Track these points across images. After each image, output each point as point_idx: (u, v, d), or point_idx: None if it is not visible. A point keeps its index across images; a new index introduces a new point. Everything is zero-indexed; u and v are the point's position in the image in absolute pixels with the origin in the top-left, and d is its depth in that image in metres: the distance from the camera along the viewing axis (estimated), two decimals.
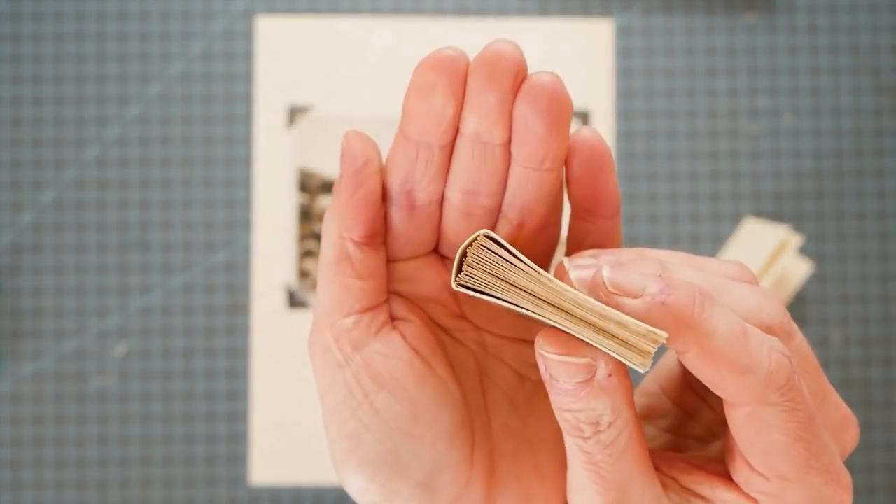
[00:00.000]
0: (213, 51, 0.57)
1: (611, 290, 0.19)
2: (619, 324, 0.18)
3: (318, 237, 0.56)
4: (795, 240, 0.51)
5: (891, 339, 0.56)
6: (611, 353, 0.18)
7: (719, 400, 0.21)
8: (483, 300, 0.19)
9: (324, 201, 0.56)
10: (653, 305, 0.18)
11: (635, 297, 0.19)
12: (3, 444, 0.55)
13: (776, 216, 0.57)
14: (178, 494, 0.55)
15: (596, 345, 0.18)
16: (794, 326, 0.21)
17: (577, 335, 0.18)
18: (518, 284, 0.19)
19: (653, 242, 0.56)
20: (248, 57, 0.57)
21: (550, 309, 0.19)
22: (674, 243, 0.56)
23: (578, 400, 0.18)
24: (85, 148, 0.57)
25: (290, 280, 0.56)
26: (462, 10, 0.57)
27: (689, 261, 0.22)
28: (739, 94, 0.57)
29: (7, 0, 0.57)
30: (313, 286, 0.56)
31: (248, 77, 0.57)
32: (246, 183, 0.56)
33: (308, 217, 0.56)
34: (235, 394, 0.56)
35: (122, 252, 0.56)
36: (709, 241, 0.56)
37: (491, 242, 0.19)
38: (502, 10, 0.57)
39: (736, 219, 0.56)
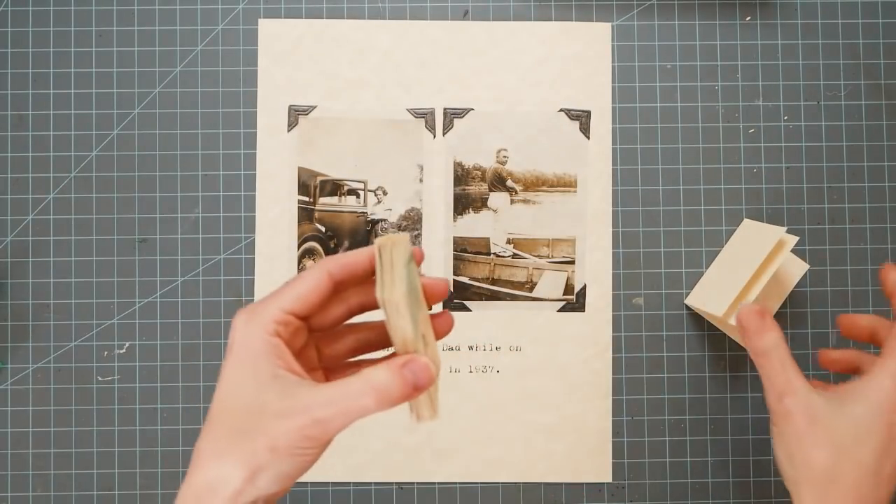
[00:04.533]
0: (214, 52, 0.57)
1: None
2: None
3: (318, 237, 0.56)
4: (793, 239, 0.51)
5: None
6: None
7: None
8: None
9: (324, 201, 0.56)
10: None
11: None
12: (4, 443, 0.55)
13: (774, 216, 0.57)
14: None
15: None
16: None
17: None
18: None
19: (652, 242, 0.57)
20: (249, 58, 0.57)
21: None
22: (673, 243, 0.57)
23: None
24: (85, 148, 0.56)
25: None
26: (461, 13, 0.57)
27: None
28: (739, 94, 0.57)
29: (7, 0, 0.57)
30: None
31: (249, 78, 0.57)
32: (247, 183, 0.56)
33: (309, 217, 0.56)
34: None
35: (122, 252, 0.56)
36: (708, 241, 0.57)
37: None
38: (502, 11, 0.57)
39: (735, 219, 0.57)
